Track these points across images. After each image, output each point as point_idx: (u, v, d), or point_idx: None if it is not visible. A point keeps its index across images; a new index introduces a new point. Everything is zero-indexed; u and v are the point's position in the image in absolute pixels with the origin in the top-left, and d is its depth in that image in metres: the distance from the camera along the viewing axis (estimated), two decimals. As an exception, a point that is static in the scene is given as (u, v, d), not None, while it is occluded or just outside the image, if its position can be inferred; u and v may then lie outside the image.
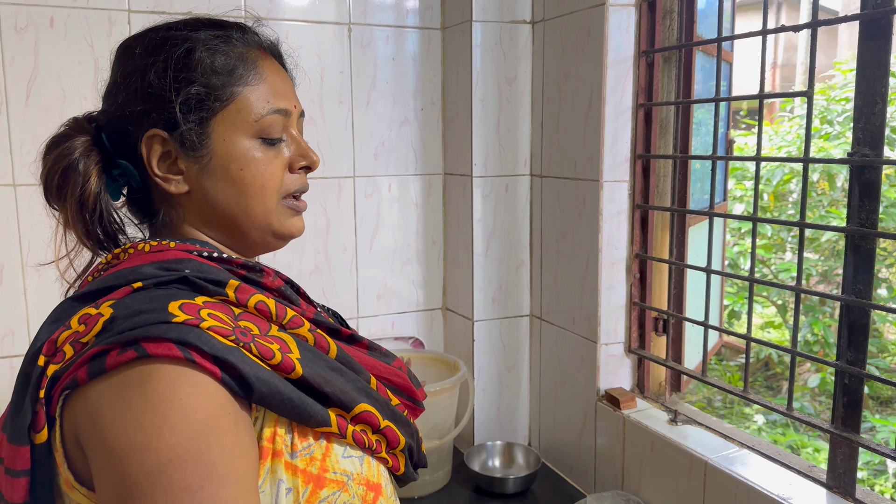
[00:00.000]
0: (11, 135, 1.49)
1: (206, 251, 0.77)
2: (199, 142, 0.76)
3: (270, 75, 0.80)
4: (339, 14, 1.75)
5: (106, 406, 0.62)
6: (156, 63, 0.75)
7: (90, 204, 0.76)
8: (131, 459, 0.60)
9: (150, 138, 0.76)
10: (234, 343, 0.66)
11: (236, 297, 0.72)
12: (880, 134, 1.08)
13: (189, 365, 0.63)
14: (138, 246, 0.76)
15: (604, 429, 1.59)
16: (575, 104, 1.60)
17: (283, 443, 0.69)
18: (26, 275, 1.53)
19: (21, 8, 1.47)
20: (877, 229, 1.09)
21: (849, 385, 1.15)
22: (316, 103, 1.75)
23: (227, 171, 0.77)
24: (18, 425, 0.66)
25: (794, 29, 1.19)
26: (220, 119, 0.76)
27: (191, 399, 0.62)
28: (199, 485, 0.60)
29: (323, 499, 0.71)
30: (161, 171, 0.77)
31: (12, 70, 1.48)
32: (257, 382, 0.66)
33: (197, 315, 0.66)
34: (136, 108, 0.76)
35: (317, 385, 0.71)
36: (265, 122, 0.77)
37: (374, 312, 1.89)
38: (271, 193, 0.79)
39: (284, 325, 0.74)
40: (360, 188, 1.83)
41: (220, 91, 0.76)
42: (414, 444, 0.85)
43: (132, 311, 0.65)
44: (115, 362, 0.63)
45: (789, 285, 1.22)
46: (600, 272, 1.56)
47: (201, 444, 0.61)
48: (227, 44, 0.77)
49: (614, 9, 1.49)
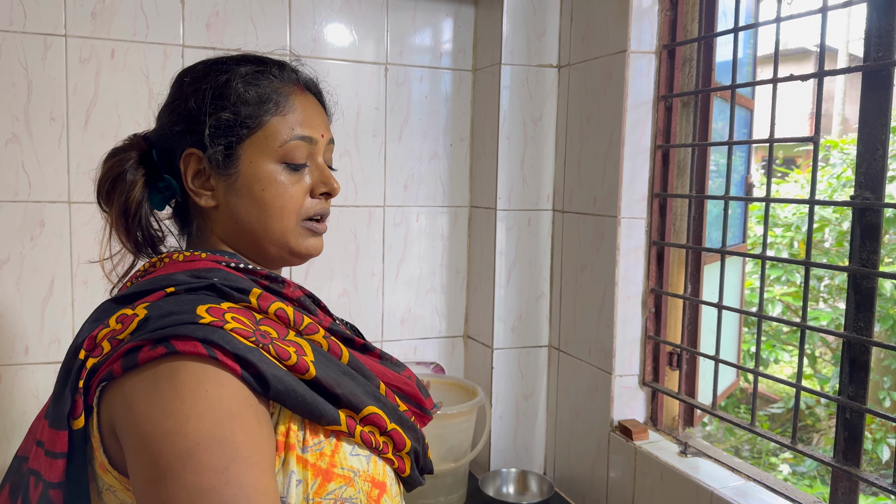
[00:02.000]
0: (70, 156, 1.61)
1: (233, 262, 0.85)
2: (227, 162, 0.85)
3: (300, 106, 0.88)
4: (377, 55, 1.86)
5: (139, 396, 0.70)
6: (198, 90, 0.85)
7: (132, 210, 0.86)
8: (163, 443, 0.67)
9: (188, 156, 0.86)
10: (254, 344, 0.73)
11: (258, 303, 0.80)
12: (881, 178, 1.13)
13: (212, 362, 0.70)
14: (173, 255, 0.86)
15: (616, 459, 1.62)
16: (596, 144, 1.67)
17: (295, 438, 0.76)
18: (75, 287, 1.64)
19: (86, 41, 1.61)
20: (877, 269, 1.14)
21: (850, 420, 1.19)
22: (351, 136, 1.85)
23: (251, 191, 0.85)
24: (58, 412, 0.74)
25: (802, 78, 1.26)
26: (249, 144, 0.85)
27: (215, 391, 0.69)
28: (224, 466, 0.67)
29: (330, 491, 0.77)
30: (195, 186, 0.86)
31: (75, 97, 1.61)
32: (274, 380, 0.73)
33: (222, 318, 0.74)
34: (177, 129, 0.86)
35: (328, 386, 0.77)
36: (288, 147, 0.85)
37: (398, 337, 1.96)
38: (290, 214, 0.86)
39: (301, 330, 0.82)
40: (389, 217, 1.92)
41: (249, 119, 0.84)
42: (420, 449, 0.91)
43: (164, 313, 0.73)
44: (146, 357, 0.70)
45: (795, 321, 1.26)
46: (616, 305, 1.62)
47: (225, 431, 0.68)
48: (265, 77, 0.87)
49: (635, 56, 1.57)
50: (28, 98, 1.57)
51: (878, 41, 1.13)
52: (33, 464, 0.76)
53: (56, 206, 1.61)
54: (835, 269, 1.20)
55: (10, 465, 0.83)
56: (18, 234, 1.59)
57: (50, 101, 1.59)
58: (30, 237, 1.60)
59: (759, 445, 4.53)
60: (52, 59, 1.59)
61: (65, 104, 1.60)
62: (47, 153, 1.60)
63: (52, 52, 1.59)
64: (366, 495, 0.80)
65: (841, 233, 4.39)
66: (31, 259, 1.60)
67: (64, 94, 1.60)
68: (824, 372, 4.84)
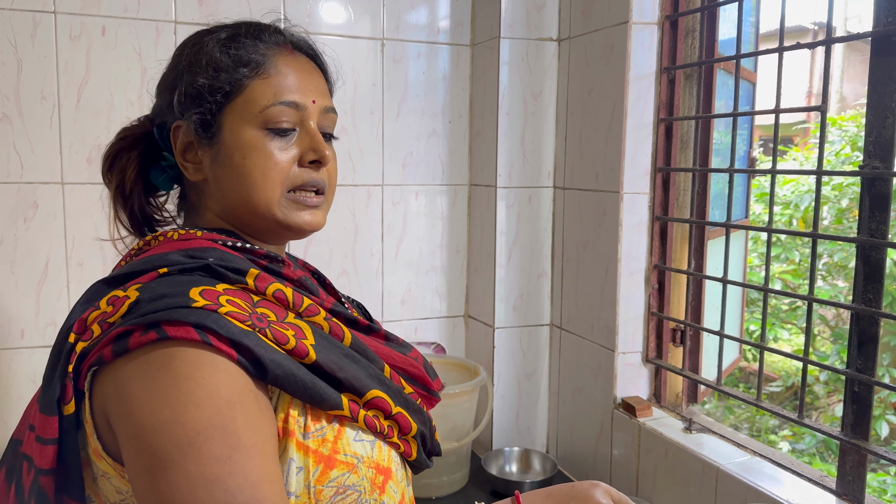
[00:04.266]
0: (62, 136, 1.58)
1: (230, 241, 0.81)
2: (208, 131, 0.81)
3: (286, 69, 0.82)
4: (373, 30, 1.83)
5: (133, 384, 0.67)
6: (179, 60, 0.83)
7: (127, 187, 0.84)
8: (161, 433, 0.64)
9: (177, 128, 0.83)
10: (250, 328, 0.70)
11: (255, 285, 0.76)
12: (890, 147, 1.11)
13: (207, 347, 0.67)
14: (168, 234, 0.82)
15: (620, 437, 1.61)
16: (598, 118, 1.65)
17: (295, 424, 0.73)
18: (70, 269, 1.61)
19: (76, 17, 1.57)
20: (887, 240, 1.12)
21: (858, 393, 1.18)
22: (349, 114, 1.82)
23: (232, 160, 0.80)
24: (48, 397, 0.71)
25: (810, 46, 1.23)
26: (230, 110, 0.81)
27: (212, 378, 0.66)
28: (227, 455, 0.64)
29: (332, 479, 0.74)
30: (184, 159, 0.83)
31: (65, 75, 1.57)
32: (271, 364, 0.70)
33: (216, 301, 0.70)
34: (164, 101, 0.84)
35: (330, 370, 0.74)
36: (269, 113, 0.80)
37: (399, 317, 1.94)
38: (273, 184, 0.80)
39: (301, 312, 0.79)
40: (388, 196, 1.89)
41: (226, 84, 0.80)
42: (427, 432, 0.88)
43: (156, 295, 0.70)
44: (137, 342, 0.67)
45: (801, 295, 1.24)
46: (619, 282, 1.60)
47: (226, 418, 0.66)
48: (245, 39, 0.82)
49: (637, 27, 1.54)
50: (18, 77, 1.54)
51: (887, 6, 1.10)
52: (26, 448, 0.74)
53: (49, 186, 1.58)
54: (844, 240, 1.18)
55: (6, 447, 0.81)
56: (11, 217, 1.56)
57: (40, 79, 1.56)
58: (23, 219, 1.57)
59: (758, 423, 4.54)
60: (42, 37, 1.55)
61: (55, 83, 1.57)
62: (39, 133, 1.56)
63: (42, 30, 1.55)
64: (370, 482, 0.78)
65: (840, 210, 4.37)
66: (24, 241, 1.57)
67: (54, 73, 1.57)
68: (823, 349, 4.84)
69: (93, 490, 0.75)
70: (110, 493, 0.73)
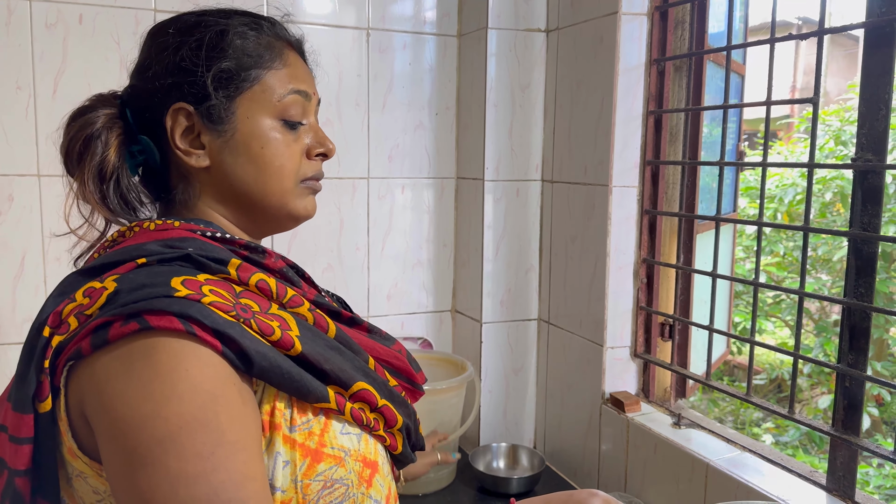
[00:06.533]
0: (38, 127, 1.54)
1: (209, 231, 0.79)
2: (224, 117, 0.79)
3: (293, 62, 0.84)
4: (358, 19, 1.80)
5: (113, 377, 0.64)
6: (189, 41, 0.79)
7: (108, 173, 0.79)
8: (142, 428, 0.62)
9: (176, 111, 0.79)
10: (234, 318, 0.68)
11: (238, 275, 0.74)
12: (884, 139, 1.10)
13: (190, 338, 0.65)
14: (144, 224, 0.79)
15: (608, 432, 1.60)
16: (586, 110, 1.63)
17: (281, 417, 0.71)
18: (47, 263, 1.57)
19: (52, 5, 1.53)
20: (879, 233, 1.11)
21: (849, 388, 1.17)
22: (333, 106, 1.79)
23: (249, 148, 0.80)
24: (23, 394, 0.67)
25: (802, 37, 1.22)
26: (246, 98, 0.79)
27: (196, 370, 0.64)
28: (210, 451, 0.62)
29: (320, 472, 0.72)
30: (183, 145, 0.79)
31: (41, 64, 1.53)
32: (257, 356, 0.67)
33: (199, 290, 0.68)
34: (165, 82, 0.79)
35: (315, 362, 0.72)
36: (286, 101, 0.81)
37: (385, 312, 1.92)
38: (289, 174, 0.82)
39: (285, 303, 0.76)
40: (373, 190, 1.86)
41: (248, 71, 0.79)
42: (412, 425, 0.87)
43: (135, 285, 0.67)
44: (118, 334, 0.64)
45: (792, 289, 1.23)
46: (608, 276, 1.58)
47: (209, 413, 0.63)
48: (257, 31, 0.82)
49: (627, 18, 1.52)
50: (-8, 66, 1.50)
51: (881, -4, 1.09)
52: None
53: (25, 179, 1.54)
54: (835, 234, 1.17)
55: None
56: (-14, 210, 1.52)
57: (15, 69, 1.51)
58: (-2, 212, 1.53)
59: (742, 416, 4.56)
60: (17, 25, 1.51)
61: (31, 72, 1.53)
62: (14, 124, 1.52)
63: (17, 18, 1.50)
64: (357, 475, 0.76)
65: (824, 203, 4.40)
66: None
67: (30, 62, 1.52)
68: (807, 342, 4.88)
69: (67, 492, 0.72)
70: (86, 493, 0.70)
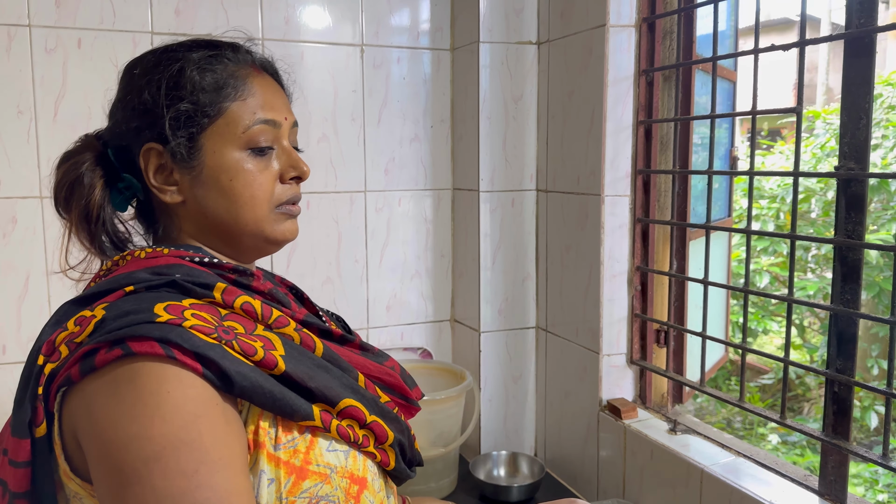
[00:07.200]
0: (40, 150, 1.57)
1: (197, 257, 0.82)
2: (190, 154, 0.81)
3: (259, 89, 0.84)
4: (352, 36, 1.82)
5: (100, 401, 0.67)
6: (151, 82, 0.81)
7: (94, 214, 0.82)
8: (128, 448, 0.65)
9: (147, 151, 0.82)
10: (216, 340, 0.71)
11: (223, 298, 0.77)
12: (865, 148, 1.11)
13: (171, 361, 0.68)
14: (135, 253, 0.82)
15: (606, 439, 1.62)
16: (578, 121, 1.65)
17: (266, 435, 0.73)
18: (50, 283, 1.60)
19: (52, 30, 1.56)
20: (863, 240, 1.13)
21: (838, 393, 1.18)
22: (329, 121, 1.82)
23: (218, 182, 0.82)
24: (19, 420, 0.71)
25: (784, 48, 1.23)
26: (211, 133, 0.81)
27: (178, 392, 0.67)
28: (194, 469, 0.65)
29: (305, 490, 0.74)
30: (157, 183, 0.82)
31: (41, 89, 1.56)
32: (238, 377, 0.70)
33: (181, 315, 0.71)
34: (133, 125, 0.82)
35: (300, 381, 0.75)
36: (252, 132, 0.82)
37: (384, 323, 1.94)
38: (261, 202, 0.83)
39: (270, 324, 0.79)
40: (371, 202, 1.89)
41: (208, 107, 0.81)
42: (405, 441, 0.89)
43: (121, 313, 0.70)
44: (103, 360, 0.68)
45: (782, 295, 1.25)
46: (602, 284, 1.60)
47: (192, 432, 0.66)
48: (219, 62, 0.83)
49: (615, 30, 1.54)
50: (-7, 91, 1.53)
51: (859, 7, 1.11)
52: (0, 472, 0.74)
53: (28, 201, 1.57)
54: (820, 241, 1.18)
55: None
56: (-10, 232, 1.55)
57: (16, 93, 1.55)
58: (2, 234, 1.56)
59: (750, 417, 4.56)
60: (17, 50, 1.54)
61: (32, 96, 1.56)
62: (16, 147, 1.55)
63: (17, 43, 1.54)
64: (343, 492, 0.78)
65: (827, 202, 4.40)
66: (4, 256, 1.56)
67: (31, 87, 1.56)
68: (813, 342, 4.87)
69: None
70: None
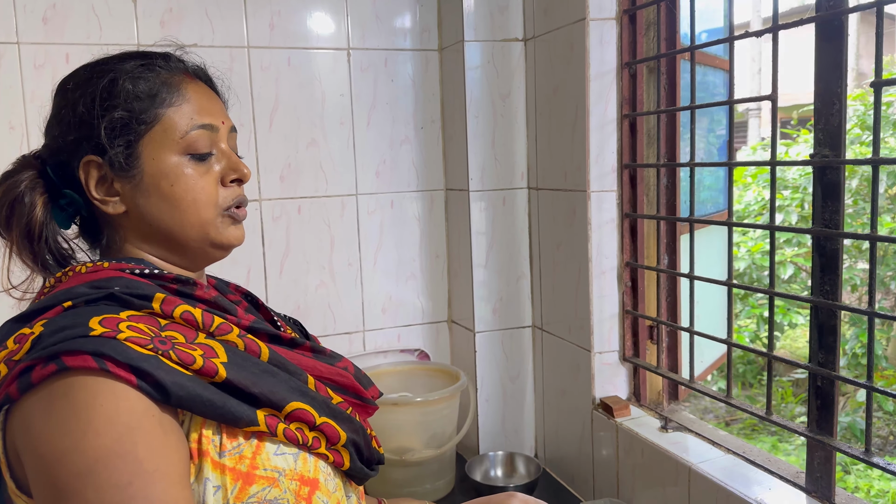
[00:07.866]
0: (32, 164, 1.60)
1: (138, 269, 0.82)
2: (129, 163, 0.82)
3: (194, 95, 0.85)
4: (338, 40, 1.83)
5: (36, 417, 0.68)
6: (84, 94, 0.82)
7: (36, 233, 0.83)
8: (61, 463, 0.65)
9: (87, 164, 0.82)
10: (151, 352, 0.71)
11: (162, 308, 0.77)
12: (839, 135, 1.08)
13: (105, 374, 0.68)
14: (77, 268, 0.82)
15: (601, 437, 1.60)
16: (563, 117, 1.63)
17: (209, 443, 0.73)
18: None
19: (40, 47, 1.59)
20: (841, 230, 1.09)
21: (821, 387, 1.15)
22: (318, 126, 1.82)
23: (159, 188, 0.82)
24: None
25: (757, 34, 1.20)
26: (148, 140, 0.82)
27: (111, 404, 0.67)
28: (127, 481, 0.65)
29: (252, 495, 0.75)
30: (99, 195, 0.83)
31: (32, 104, 1.59)
32: (174, 387, 0.70)
33: (115, 328, 0.71)
34: (69, 138, 0.82)
35: (243, 387, 0.75)
36: (190, 137, 0.83)
37: (380, 326, 1.94)
38: (204, 206, 0.84)
39: (212, 332, 0.79)
40: (362, 205, 1.89)
41: (143, 114, 0.82)
42: (360, 440, 0.89)
43: (57, 328, 0.71)
44: (39, 376, 0.68)
45: (763, 288, 1.22)
46: (591, 281, 1.58)
47: (126, 445, 0.66)
48: (151, 71, 0.84)
49: (595, 23, 1.52)
50: (-15, 108, 1.57)
51: (829, -10, 1.08)
52: None
53: (22, 215, 1.60)
54: (798, 231, 1.15)
55: None
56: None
57: (8, 109, 1.58)
58: (-2, 248, 1.59)
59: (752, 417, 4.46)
60: (7, 67, 1.57)
61: (23, 112, 1.59)
62: (7, 163, 1.58)
63: (6, 61, 1.57)
64: (293, 494, 0.78)
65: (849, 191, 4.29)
66: None
67: (21, 102, 1.59)
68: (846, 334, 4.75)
69: None
70: None
